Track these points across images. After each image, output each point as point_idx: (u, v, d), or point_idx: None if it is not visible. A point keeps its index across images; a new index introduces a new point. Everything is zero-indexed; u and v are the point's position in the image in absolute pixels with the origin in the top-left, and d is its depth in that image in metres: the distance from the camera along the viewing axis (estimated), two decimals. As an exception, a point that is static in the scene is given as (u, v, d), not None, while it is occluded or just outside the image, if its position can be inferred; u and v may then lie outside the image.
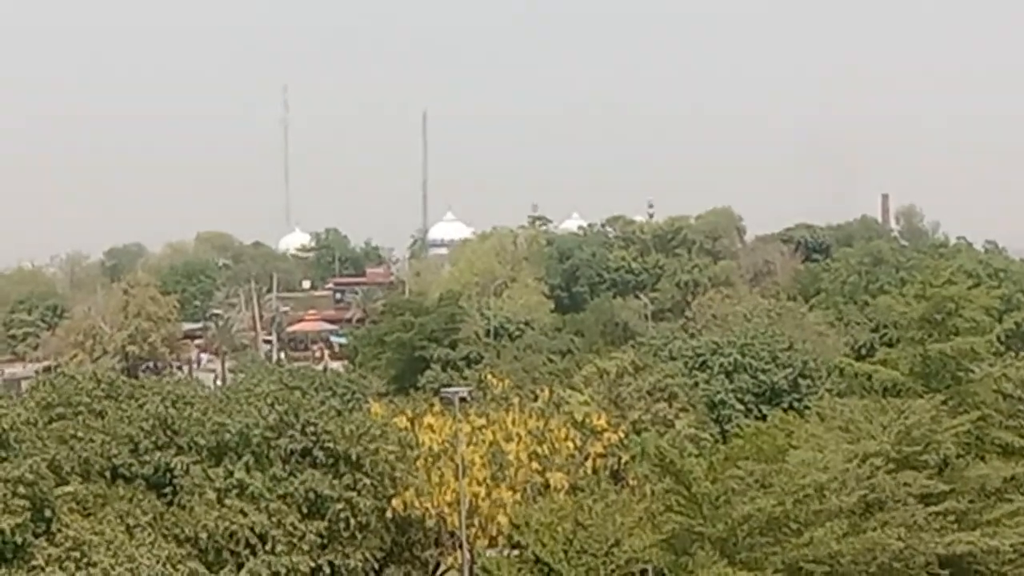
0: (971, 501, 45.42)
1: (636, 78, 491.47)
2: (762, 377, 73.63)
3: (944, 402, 48.31)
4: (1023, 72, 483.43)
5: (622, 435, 58.02)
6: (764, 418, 62.62)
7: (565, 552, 39.85)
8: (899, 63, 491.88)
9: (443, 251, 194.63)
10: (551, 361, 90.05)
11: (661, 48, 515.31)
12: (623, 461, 56.81)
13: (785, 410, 64.50)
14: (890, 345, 76.62)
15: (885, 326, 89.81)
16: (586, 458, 56.62)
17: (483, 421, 57.77)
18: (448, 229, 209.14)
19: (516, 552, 50.19)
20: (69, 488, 47.66)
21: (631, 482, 53.31)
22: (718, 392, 71.53)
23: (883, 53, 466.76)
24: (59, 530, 44.23)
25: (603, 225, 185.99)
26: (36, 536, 43.35)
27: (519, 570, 44.66)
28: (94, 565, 41.01)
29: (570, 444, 56.59)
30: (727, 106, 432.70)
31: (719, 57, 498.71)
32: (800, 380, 73.79)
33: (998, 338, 62.74)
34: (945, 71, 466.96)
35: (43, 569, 41.23)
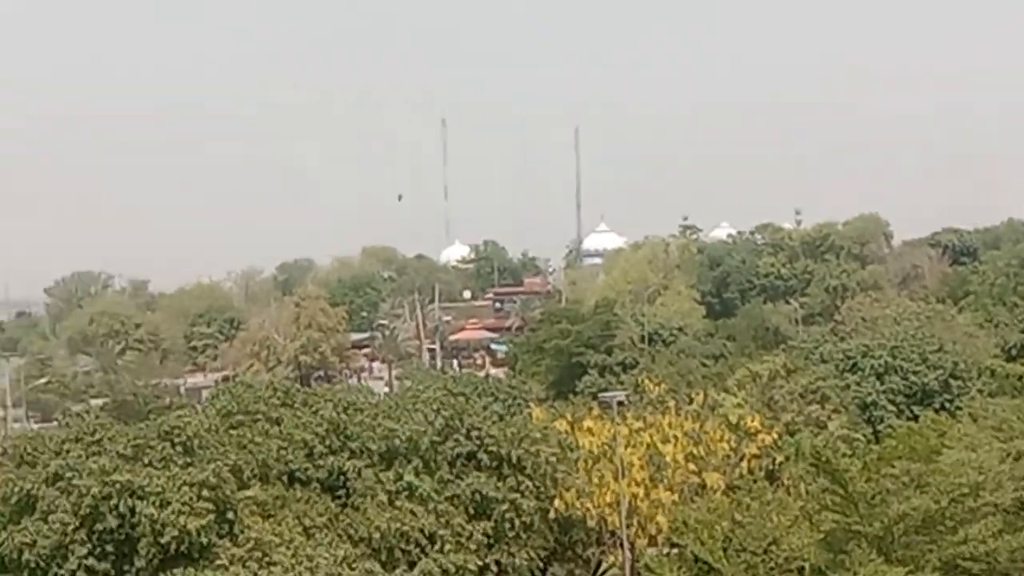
0: None
1: (780, 79, 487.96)
2: (913, 378, 72.62)
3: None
4: None
5: (776, 436, 57.70)
6: (916, 419, 61.74)
7: (724, 550, 39.71)
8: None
9: (597, 260, 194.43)
10: (704, 365, 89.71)
11: (806, 48, 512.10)
12: (777, 462, 56.48)
13: (936, 411, 63.71)
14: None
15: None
16: (741, 459, 56.36)
17: (640, 424, 57.72)
18: (601, 239, 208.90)
19: (675, 551, 50.05)
20: (250, 491, 48.66)
21: (786, 482, 52.91)
22: (869, 394, 70.68)
23: None
24: (241, 531, 45.19)
25: (752, 232, 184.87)
26: (220, 537, 44.32)
27: (679, 568, 44.50)
28: (275, 564, 41.84)
29: (725, 445, 56.43)
30: (871, 108, 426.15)
31: (866, 56, 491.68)
32: (951, 381, 72.66)
33: None
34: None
35: (227, 568, 42.12)
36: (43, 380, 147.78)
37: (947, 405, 67.13)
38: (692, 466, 54.85)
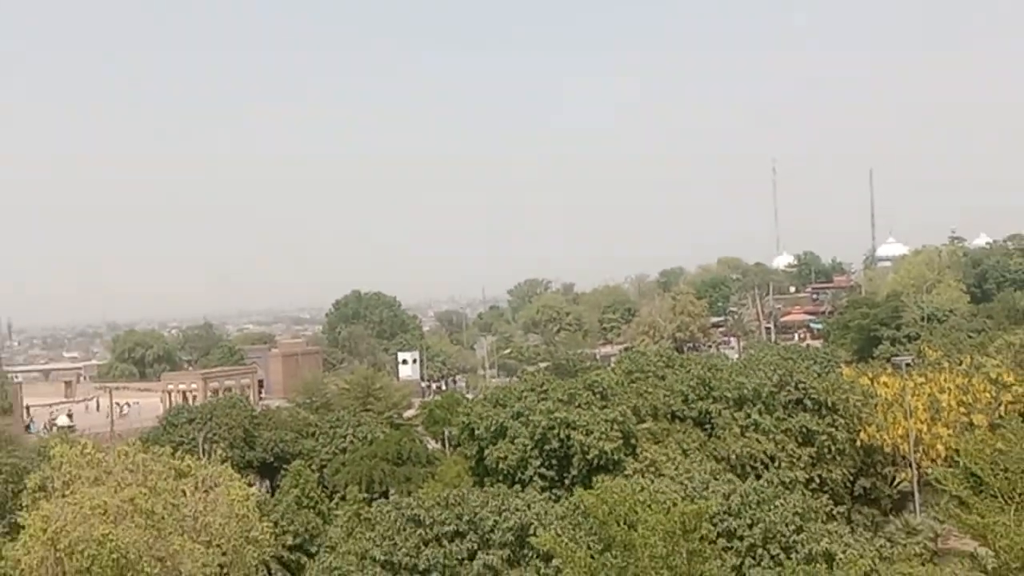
0: None
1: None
2: None
3: None
4: None
5: (1026, 387, 54.23)
6: None
7: (991, 467, 37.50)
8: None
9: (887, 264, 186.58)
10: (970, 337, 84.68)
11: None
12: (1028, 406, 52.93)
13: None
14: None
15: None
16: (999, 405, 53.27)
17: (922, 379, 55.64)
18: (891, 248, 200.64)
19: (951, 470, 47.71)
20: (645, 425, 49.24)
21: (1037, 422, 49.50)
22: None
23: None
24: (640, 452, 45.66)
25: (1005, 240, 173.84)
26: (626, 455, 44.91)
27: (956, 476, 42.31)
28: (663, 474, 42.00)
29: (987, 395, 53.59)
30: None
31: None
32: None
33: None
34: None
35: (631, 476, 42.55)
36: (507, 351, 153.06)
37: None
38: (962, 409, 52.61)
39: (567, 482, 43.60)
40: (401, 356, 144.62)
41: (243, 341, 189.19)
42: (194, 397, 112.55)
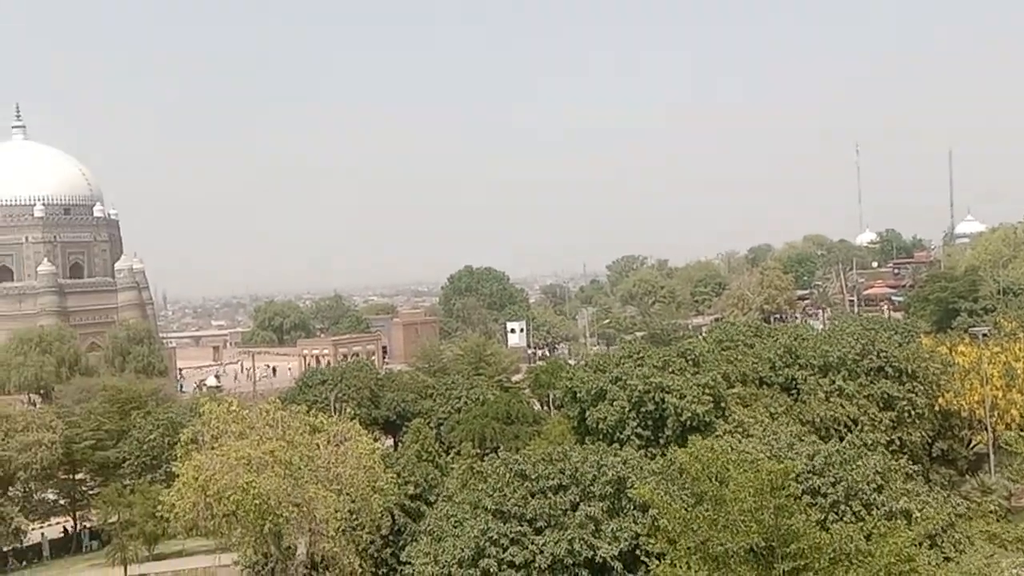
0: None
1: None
2: None
3: None
4: None
5: (1100, 356, 52.21)
6: None
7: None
8: None
9: (965, 240, 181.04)
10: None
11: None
12: (1103, 372, 50.92)
13: None
14: None
15: None
16: (1075, 372, 51.38)
17: (998, 349, 53.98)
18: (969, 226, 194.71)
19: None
20: (734, 390, 48.58)
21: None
22: None
23: None
24: (729, 415, 45.09)
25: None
26: (716, 418, 44.39)
27: (1029, 440, 41.04)
28: (751, 436, 41.43)
29: (1062, 362, 51.66)
30: None
31: None
32: None
33: None
34: None
35: (721, 437, 42.05)
36: (606, 321, 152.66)
37: None
38: (1036, 376, 50.74)
39: (661, 442, 43.27)
40: (510, 325, 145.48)
41: (369, 311, 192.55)
42: (327, 361, 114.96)
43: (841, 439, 42.72)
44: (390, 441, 69.12)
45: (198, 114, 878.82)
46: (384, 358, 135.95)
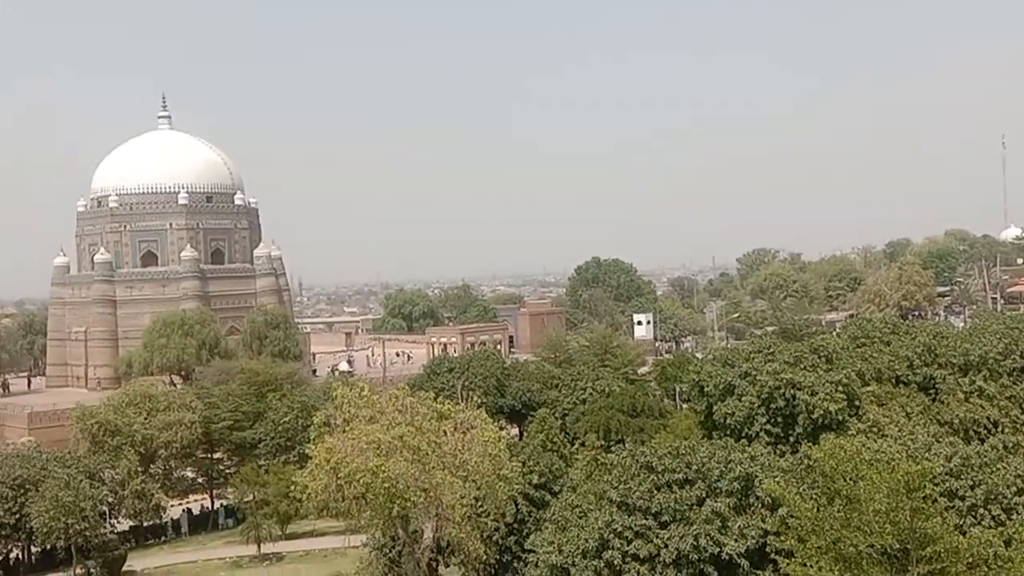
0: None
1: None
2: None
3: None
4: None
5: None
6: None
7: None
8: None
9: None
10: None
11: None
12: None
13: None
14: None
15: None
16: None
17: None
18: None
19: None
20: (869, 388, 47.42)
21: None
22: None
23: None
24: (863, 413, 44.03)
25: None
26: (850, 416, 43.38)
27: None
28: (886, 436, 40.28)
29: None
30: None
31: None
32: None
33: None
34: None
35: (855, 436, 41.02)
36: (735, 315, 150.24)
37: None
38: None
39: (791, 439, 42.53)
40: (636, 318, 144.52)
41: (496, 301, 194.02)
42: (454, 349, 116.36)
43: (981, 441, 41.21)
44: (515, 430, 69.62)
45: (334, 111, 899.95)
46: (510, 347, 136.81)
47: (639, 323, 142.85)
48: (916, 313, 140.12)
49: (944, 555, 20.79)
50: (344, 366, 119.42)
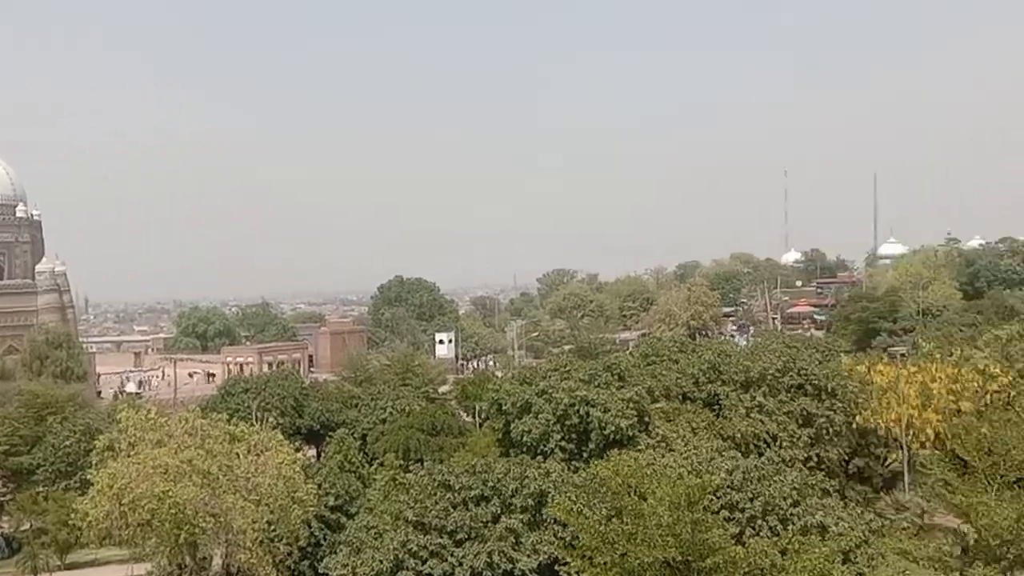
0: None
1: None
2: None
3: None
4: None
5: (1011, 378, 53.51)
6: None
7: (976, 451, 37.12)
8: None
9: (887, 262, 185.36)
10: (961, 331, 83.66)
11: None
12: (1012, 395, 52.21)
13: None
14: None
15: None
16: (986, 393, 52.70)
17: (915, 369, 55.17)
18: (891, 248, 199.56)
19: (938, 452, 47.39)
20: (658, 404, 49.04)
21: (1017, 409, 48.85)
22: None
23: None
24: (652, 429, 45.45)
25: (996, 243, 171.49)
26: (639, 432, 44.69)
27: (943, 460, 41.97)
28: (673, 450, 41.84)
29: (975, 384, 53.01)
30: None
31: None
32: None
33: None
34: None
35: (643, 451, 42.41)
36: (535, 334, 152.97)
37: None
38: (951, 397, 51.99)
39: (585, 455, 43.47)
40: (438, 336, 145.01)
41: (296, 319, 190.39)
42: (251, 369, 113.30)
43: (760, 455, 43.45)
44: (313, 451, 68.32)
45: (123, 123, 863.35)
46: (310, 367, 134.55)
47: (441, 342, 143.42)
48: (704, 332, 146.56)
49: (723, 566, 21.71)
50: (132, 387, 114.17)
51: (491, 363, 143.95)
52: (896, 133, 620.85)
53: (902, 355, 57.54)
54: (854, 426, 50.61)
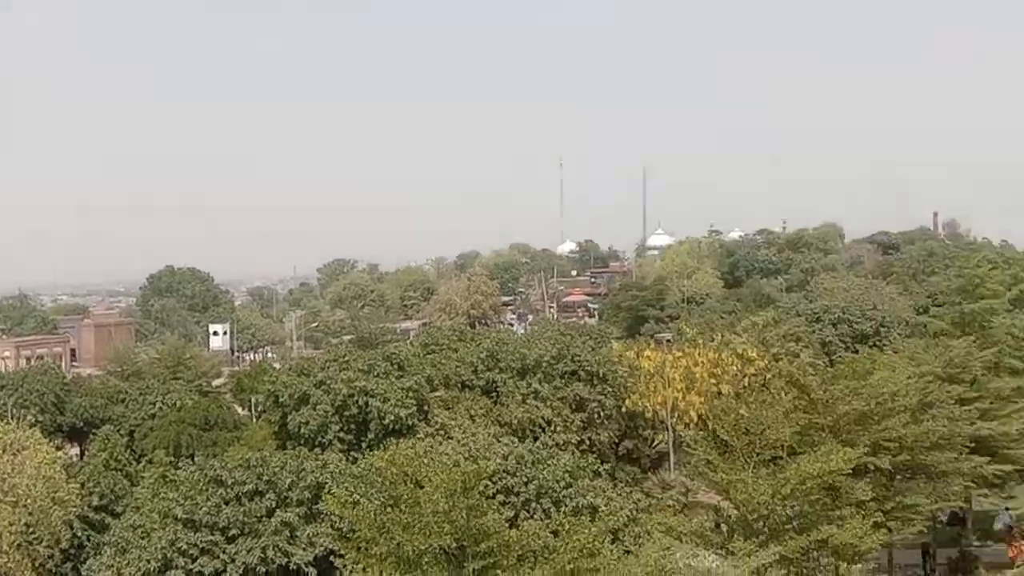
0: (991, 403, 43.54)
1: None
2: (856, 326, 70.17)
3: (974, 341, 46.29)
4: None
5: (766, 362, 56.97)
6: (857, 352, 60.28)
7: (735, 431, 39.37)
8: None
9: (655, 252, 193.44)
10: (722, 318, 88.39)
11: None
12: (767, 378, 55.63)
13: (871, 347, 61.86)
14: (939, 306, 73.41)
15: (936, 294, 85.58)
16: (744, 376, 55.82)
17: (680, 354, 57.55)
18: (659, 239, 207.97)
19: (702, 433, 49.93)
20: (437, 393, 49.32)
21: (772, 391, 52.14)
22: (828, 336, 68.77)
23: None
24: (432, 418, 45.76)
25: (755, 234, 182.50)
26: (419, 421, 44.95)
27: (705, 440, 44.39)
28: (452, 438, 42.27)
29: (734, 368, 55.92)
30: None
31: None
32: (881, 329, 70.07)
33: (1009, 301, 59.80)
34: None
35: (423, 439, 42.63)
36: (314, 324, 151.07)
37: (878, 344, 64.92)
38: (712, 380, 54.49)
39: (364, 445, 43.34)
40: (212, 328, 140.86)
41: (57, 312, 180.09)
42: (7, 364, 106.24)
43: (536, 439, 44.52)
44: (76, 450, 64.84)
45: None
46: (72, 361, 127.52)
47: (215, 333, 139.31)
48: (483, 321, 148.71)
49: (497, 549, 22.12)
50: None
51: (269, 355, 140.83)
52: (663, 126, 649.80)
53: (668, 341, 60.08)
54: (624, 410, 52.40)
